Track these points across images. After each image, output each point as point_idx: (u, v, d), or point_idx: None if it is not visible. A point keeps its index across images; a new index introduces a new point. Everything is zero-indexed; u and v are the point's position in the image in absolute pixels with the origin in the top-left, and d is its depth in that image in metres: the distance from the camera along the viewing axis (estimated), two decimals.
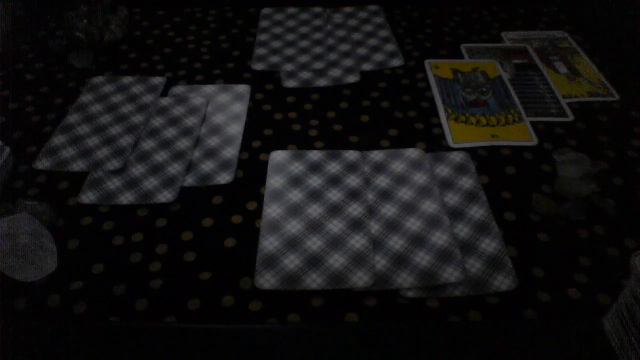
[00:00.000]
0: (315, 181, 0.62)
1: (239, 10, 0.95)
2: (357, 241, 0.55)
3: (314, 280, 0.51)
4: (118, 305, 0.50)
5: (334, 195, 0.60)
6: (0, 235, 0.50)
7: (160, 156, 0.65)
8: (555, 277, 0.52)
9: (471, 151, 0.66)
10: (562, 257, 0.54)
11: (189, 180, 0.62)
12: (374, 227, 0.56)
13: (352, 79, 0.78)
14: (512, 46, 0.86)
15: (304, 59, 0.82)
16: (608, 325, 0.45)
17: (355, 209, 0.58)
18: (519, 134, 0.68)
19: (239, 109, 0.73)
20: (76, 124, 0.69)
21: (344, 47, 0.84)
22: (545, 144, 0.67)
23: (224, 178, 0.62)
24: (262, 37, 0.87)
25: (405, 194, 0.60)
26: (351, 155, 0.65)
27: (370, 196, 0.60)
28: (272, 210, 0.58)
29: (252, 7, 0.95)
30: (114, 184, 0.61)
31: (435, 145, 0.67)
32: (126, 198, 0.60)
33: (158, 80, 0.78)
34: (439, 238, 0.55)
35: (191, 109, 0.72)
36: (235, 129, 0.69)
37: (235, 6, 0.95)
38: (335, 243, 0.55)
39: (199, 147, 0.67)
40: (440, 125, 0.70)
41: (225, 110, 0.72)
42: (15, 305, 0.50)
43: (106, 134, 0.68)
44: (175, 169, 0.63)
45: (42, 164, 0.64)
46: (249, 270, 0.52)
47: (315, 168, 0.63)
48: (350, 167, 0.63)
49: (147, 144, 0.67)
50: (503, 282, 0.51)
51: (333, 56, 0.82)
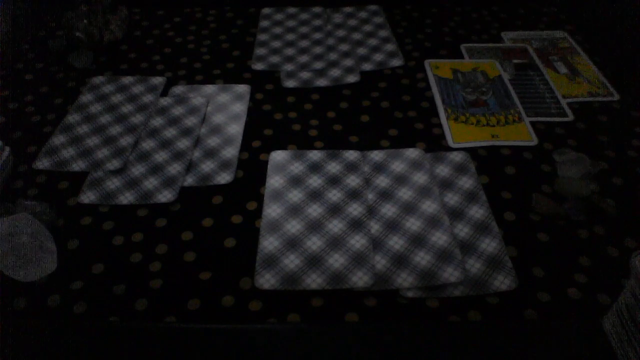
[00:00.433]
0: (315, 181, 0.62)
1: (239, 10, 0.95)
2: (357, 241, 0.55)
3: (314, 280, 0.51)
4: (118, 305, 0.50)
5: (334, 195, 0.60)
6: (0, 235, 0.50)
7: (160, 156, 0.65)
8: (555, 277, 0.52)
9: (471, 151, 0.66)
10: (562, 257, 0.54)
11: (189, 180, 0.62)
12: (374, 227, 0.56)
13: (352, 79, 0.78)
14: (512, 46, 0.86)
15: (304, 59, 0.82)
16: (608, 325, 0.45)
17: (355, 209, 0.58)
18: (519, 134, 0.68)
19: (239, 109, 0.73)
20: (76, 124, 0.69)
21: (344, 47, 0.84)
22: (545, 144, 0.67)
23: (224, 178, 0.62)
24: (262, 37, 0.87)
25: (405, 194, 0.60)
26: (351, 155, 0.65)
27: (370, 196, 0.60)
28: (272, 210, 0.58)
29: (252, 7, 0.95)
30: (114, 184, 0.61)
31: (435, 145, 0.67)
32: (126, 198, 0.60)
33: (158, 80, 0.78)
34: (439, 238, 0.55)
35: (191, 109, 0.72)
36: (235, 129, 0.69)
37: (235, 6, 0.95)
38: (335, 243, 0.55)
39: (199, 147, 0.67)
40: (440, 125, 0.70)
41: (225, 110, 0.72)
42: (15, 305, 0.50)
43: (106, 134, 0.68)
44: (175, 169, 0.63)
45: (42, 164, 0.64)
46: (249, 270, 0.52)
47: (315, 168, 0.63)
48: (350, 167, 0.63)
49: (147, 144, 0.67)
50: (503, 282, 0.51)
51: (333, 56, 0.82)
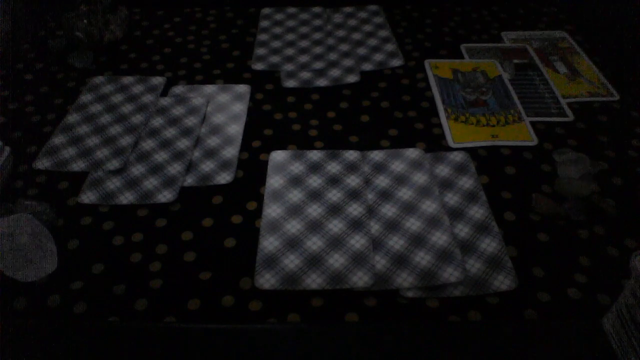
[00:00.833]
0: (315, 181, 0.62)
1: (239, 10, 0.95)
2: (357, 241, 0.55)
3: (314, 280, 0.51)
4: (118, 305, 0.50)
5: (334, 195, 0.60)
6: (0, 235, 0.50)
7: (160, 156, 0.65)
8: (555, 277, 0.52)
9: (471, 151, 0.66)
10: (562, 257, 0.54)
11: (189, 180, 0.62)
12: (374, 227, 0.56)
13: (352, 79, 0.78)
14: (512, 46, 0.86)
15: (304, 59, 0.82)
16: (608, 325, 0.45)
17: (355, 209, 0.58)
18: (519, 134, 0.68)
19: (239, 109, 0.73)
20: (76, 124, 0.69)
21: (344, 47, 0.84)
22: (545, 144, 0.67)
23: (224, 178, 0.62)
24: (262, 37, 0.87)
25: (405, 194, 0.60)
26: (351, 155, 0.65)
27: (370, 196, 0.60)
28: (272, 210, 0.58)
29: (252, 7, 0.95)
30: (114, 184, 0.61)
31: (435, 145, 0.67)
32: (126, 198, 0.60)
33: (158, 80, 0.78)
34: (439, 238, 0.55)
35: (191, 109, 0.72)
36: (235, 129, 0.69)
37: (235, 6, 0.95)
38: (335, 243, 0.55)
39: (199, 147, 0.67)
40: (440, 125, 0.70)
41: (225, 110, 0.72)
42: (15, 305, 0.50)
43: (106, 134, 0.68)
44: (175, 169, 0.63)
45: (42, 164, 0.64)
46: (249, 270, 0.52)
47: (315, 168, 0.63)
48: (350, 167, 0.63)
49: (147, 144, 0.67)
50: (503, 282, 0.51)
51: (333, 56, 0.82)
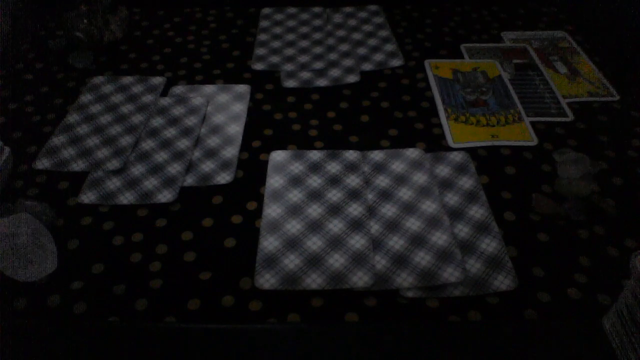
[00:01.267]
0: (315, 181, 0.62)
1: (239, 10, 0.95)
2: (357, 241, 0.55)
3: (314, 280, 0.51)
4: (118, 305, 0.50)
5: (334, 195, 0.60)
6: (0, 235, 0.50)
7: (160, 156, 0.65)
8: (555, 277, 0.52)
9: (471, 151, 0.66)
10: (562, 257, 0.54)
11: (189, 180, 0.62)
12: (374, 227, 0.56)
13: (352, 79, 0.78)
14: (512, 46, 0.86)
15: (304, 59, 0.82)
16: (608, 325, 0.45)
17: (355, 209, 0.58)
18: (519, 134, 0.68)
19: (239, 109, 0.73)
20: (76, 124, 0.69)
21: (344, 47, 0.84)
22: (545, 144, 0.67)
23: (224, 178, 0.62)
24: (262, 37, 0.87)
25: (405, 194, 0.60)
26: (351, 155, 0.65)
27: (370, 196, 0.60)
28: (272, 210, 0.58)
29: (252, 7, 0.95)
30: (114, 184, 0.61)
31: (435, 145, 0.67)
32: (126, 198, 0.60)
33: (158, 80, 0.78)
34: (439, 238, 0.55)
35: (191, 109, 0.72)
36: (235, 129, 0.69)
37: (235, 6, 0.95)
38: (335, 243, 0.55)
39: (199, 147, 0.67)
40: (440, 125, 0.70)
41: (225, 110, 0.72)
42: (15, 305, 0.50)
43: (106, 134, 0.68)
44: (175, 169, 0.63)
45: (42, 164, 0.64)
46: (249, 270, 0.52)
47: (315, 168, 0.63)
48: (350, 167, 0.63)
49: (147, 144, 0.67)
50: (503, 282, 0.51)
51: (333, 56, 0.82)
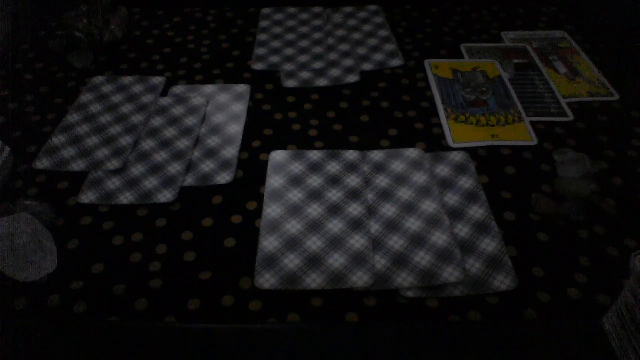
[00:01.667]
0: (315, 181, 0.62)
1: (239, 10, 0.95)
2: (357, 241, 0.55)
3: (314, 280, 0.51)
4: (118, 305, 0.50)
5: (334, 195, 0.60)
6: (0, 235, 0.50)
7: (160, 156, 0.65)
8: (555, 277, 0.52)
9: (471, 151, 0.66)
10: (562, 257, 0.54)
11: (189, 180, 0.62)
12: (374, 227, 0.56)
13: (352, 79, 0.78)
14: (512, 46, 0.86)
15: (304, 59, 0.82)
16: (608, 325, 0.45)
17: (355, 209, 0.58)
18: (519, 134, 0.68)
19: (239, 109, 0.73)
20: (76, 124, 0.69)
21: (344, 47, 0.84)
22: (545, 144, 0.67)
23: (224, 178, 0.62)
24: (262, 37, 0.87)
25: (405, 194, 0.60)
26: (351, 155, 0.65)
27: (370, 196, 0.60)
28: (272, 210, 0.58)
29: (252, 7, 0.95)
30: (114, 184, 0.61)
31: (435, 145, 0.67)
32: (126, 198, 0.60)
33: (158, 80, 0.78)
34: (439, 238, 0.55)
35: (191, 109, 0.72)
36: (235, 129, 0.69)
37: (235, 6, 0.95)
38: (335, 243, 0.55)
39: (199, 147, 0.67)
40: (440, 125, 0.70)
41: (225, 110, 0.72)
42: (15, 305, 0.50)
43: (106, 134, 0.68)
44: (175, 169, 0.63)
45: (42, 164, 0.64)
46: (249, 270, 0.52)
47: (315, 168, 0.63)
48: (350, 167, 0.63)
49: (147, 144, 0.67)
50: (503, 282, 0.51)
51: (333, 56, 0.82)
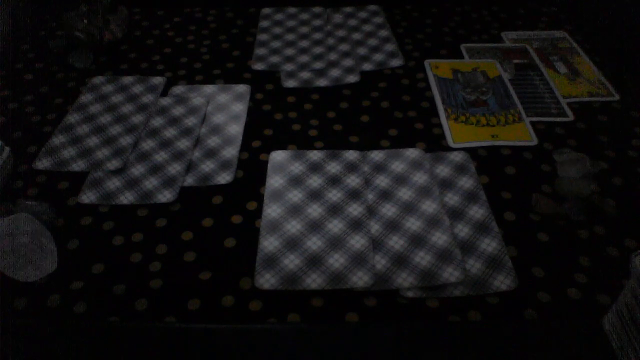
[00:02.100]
0: (315, 181, 0.62)
1: (239, 10, 0.95)
2: (357, 241, 0.55)
3: (314, 280, 0.51)
4: (118, 305, 0.50)
5: (334, 195, 0.60)
6: (0, 235, 0.50)
7: (160, 156, 0.65)
8: (555, 277, 0.52)
9: (471, 151, 0.66)
10: (562, 257, 0.54)
11: (189, 180, 0.62)
12: (374, 227, 0.56)
13: (352, 79, 0.78)
14: (512, 46, 0.86)
15: (304, 59, 0.82)
16: (608, 325, 0.45)
17: (355, 209, 0.58)
18: (519, 134, 0.68)
19: (239, 109, 0.73)
20: (76, 124, 0.69)
21: (344, 47, 0.84)
22: (545, 144, 0.67)
23: (224, 178, 0.62)
24: (262, 37, 0.87)
25: (405, 194, 0.60)
26: (351, 155, 0.65)
27: (370, 196, 0.60)
28: (272, 210, 0.58)
29: (252, 7, 0.95)
30: (114, 184, 0.61)
31: (435, 145, 0.67)
32: (126, 198, 0.60)
33: (158, 80, 0.78)
34: (439, 238, 0.55)
35: (191, 109, 0.72)
36: (235, 129, 0.69)
37: (235, 6, 0.95)
38: (335, 243, 0.55)
39: (199, 147, 0.67)
40: (440, 125, 0.70)
41: (225, 110, 0.72)
42: (15, 305, 0.50)
43: (106, 134, 0.68)
44: (175, 169, 0.63)
45: (42, 164, 0.64)
46: (249, 270, 0.52)
47: (315, 168, 0.63)
48: (350, 167, 0.63)
49: (147, 144, 0.67)
50: (503, 282, 0.51)
51: (333, 56, 0.82)
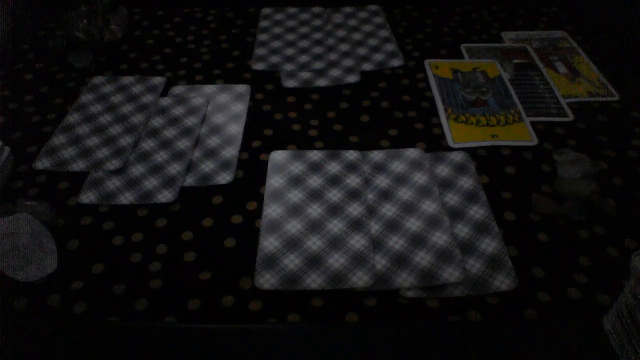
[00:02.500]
0: (315, 181, 0.62)
1: (239, 10, 0.95)
2: (357, 241, 0.55)
3: (314, 280, 0.51)
4: (118, 305, 0.50)
5: (334, 195, 0.60)
6: (0, 235, 0.50)
7: (160, 156, 0.65)
8: (555, 277, 0.52)
9: (471, 151, 0.66)
10: (562, 257, 0.54)
11: (189, 180, 0.62)
12: (374, 227, 0.56)
13: (352, 79, 0.78)
14: (512, 46, 0.86)
15: (304, 59, 0.82)
16: (608, 325, 0.45)
17: (355, 209, 0.58)
18: (519, 134, 0.68)
19: (239, 109, 0.73)
20: (76, 124, 0.69)
21: (344, 47, 0.84)
22: (545, 144, 0.67)
23: (224, 178, 0.62)
24: (262, 37, 0.87)
25: (405, 194, 0.60)
26: (351, 155, 0.65)
27: (370, 196, 0.60)
28: (272, 210, 0.58)
29: (252, 7, 0.95)
30: (114, 184, 0.61)
31: (435, 145, 0.67)
32: (126, 198, 0.60)
33: (158, 80, 0.78)
34: (439, 238, 0.55)
35: (191, 109, 0.72)
36: (235, 129, 0.69)
37: (235, 6, 0.95)
38: (335, 243, 0.55)
39: (199, 147, 0.67)
40: (440, 125, 0.70)
41: (225, 110, 0.72)
42: (15, 305, 0.50)
43: (106, 134, 0.68)
44: (175, 169, 0.63)
45: (42, 164, 0.64)
46: (249, 270, 0.52)
47: (315, 168, 0.63)
48: (350, 167, 0.63)
49: (147, 144, 0.67)
50: (503, 282, 0.51)
51: (333, 56, 0.82)
